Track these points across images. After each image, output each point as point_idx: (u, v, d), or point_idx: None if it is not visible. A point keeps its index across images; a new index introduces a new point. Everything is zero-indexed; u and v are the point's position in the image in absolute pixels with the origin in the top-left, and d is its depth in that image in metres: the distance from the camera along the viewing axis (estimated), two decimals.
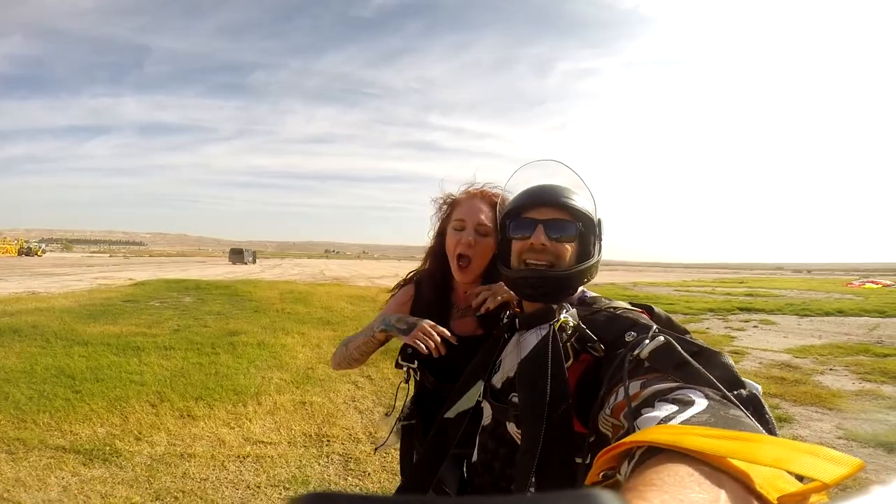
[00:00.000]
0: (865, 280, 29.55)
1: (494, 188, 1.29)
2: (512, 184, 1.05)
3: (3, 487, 2.63)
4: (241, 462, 3.01)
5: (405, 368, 1.33)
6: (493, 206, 1.25)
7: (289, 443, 3.31)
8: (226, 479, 2.81)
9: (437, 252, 1.33)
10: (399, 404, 1.43)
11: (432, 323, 1.19)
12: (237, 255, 47.64)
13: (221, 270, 27.96)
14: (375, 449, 1.45)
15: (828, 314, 11.30)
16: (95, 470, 2.85)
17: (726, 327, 9.24)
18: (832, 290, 21.78)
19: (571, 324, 0.78)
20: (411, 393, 1.42)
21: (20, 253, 59.82)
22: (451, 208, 1.31)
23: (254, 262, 49.62)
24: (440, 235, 1.33)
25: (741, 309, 12.15)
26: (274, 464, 2.99)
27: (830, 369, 5.74)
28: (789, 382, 5.02)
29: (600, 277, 0.95)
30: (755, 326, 9.36)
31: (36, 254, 60.41)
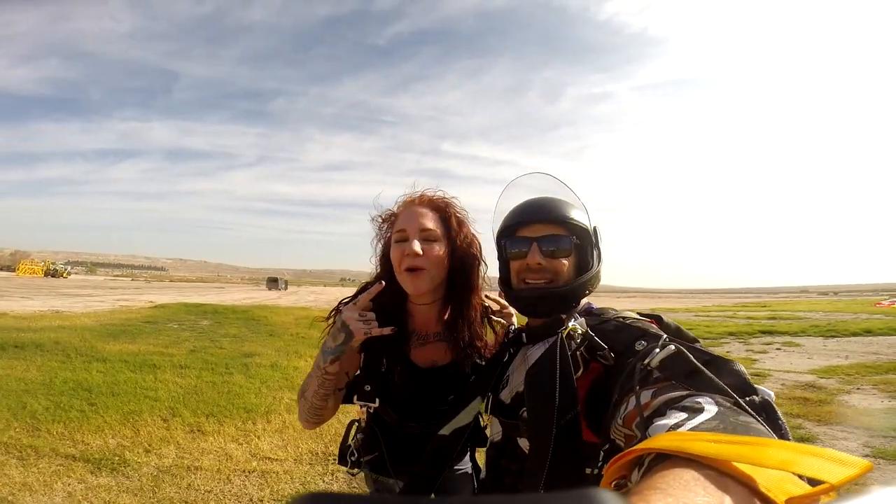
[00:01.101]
0: (894, 299, 28.18)
1: (437, 192, 1.17)
2: (502, 203, 1.03)
3: (9, 491, 2.69)
4: (246, 476, 3.00)
5: (363, 407, 1.16)
6: (437, 209, 1.14)
7: (295, 460, 3.30)
8: (230, 491, 2.80)
9: (384, 278, 1.13)
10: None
11: (352, 307, 1.04)
12: (273, 282, 57.10)
13: (239, 296, 28.34)
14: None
15: (855, 334, 10.85)
16: (102, 478, 2.88)
17: (747, 350, 8.93)
18: (860, 310, 20.95)
19: (579, 331, 0.77)
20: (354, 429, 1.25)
21: (46, 274, 61.77)
22: (390, 223, 1.16)
23: (285, 288, 57.22)
24: (385, 258, 1.16)
25: (763, 332, 11.72)
26: (279, 479, 2.98)
27: (857, 388, 5.50)
28: (813, 403, 4.81)
29: (617, 305, 0.94)
30: (778, 349, 9.03)
31: (61, 275, 62.30)
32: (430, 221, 1.11)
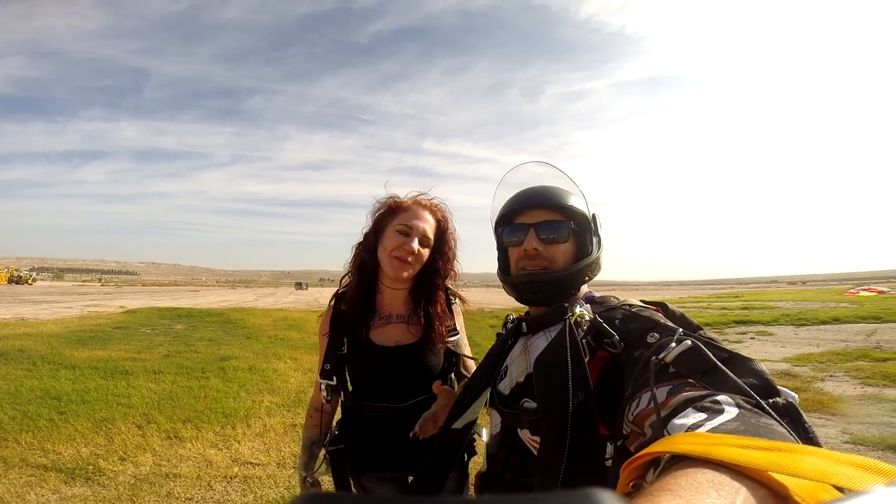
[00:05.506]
0: (861, 288, 29.40)
1: (441, 202, 1.31)
2: (500, 194, 1.02)
3: None
4: (227, 482, 2.91)
5: (323, 387, 1.25)
6: (437, 219, 1.27)
7: (278, 464, 3.21)
8: (212, 498, 2.71)
9: (369, 248, 1.27)
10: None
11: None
12: (299, 285, 72.06)
13: (214, 299, 27.70)
14: (311, 484, 1.30)
15: (824, 322, 11.27)
16: (77, 488, 2.76)
17: (723, 340, 9.07)
18: (827, 299, 21.77)
19: (587, 318, 0.74)
20: (338, 416, 1.35)
21: (10, 281, 59.19)
22: (393, 211, 1.26)
23: (306, 289, 67.38)
24: (375, 233, 1.27)
25: (737, 322, 12.07)
26: (262, 484, 2.89)
27: (831, 376, 5.69)
28: (790, 391, 4.95)
29: None
30: (752, 338, 9.32)
31: (26, 282, 59.96)
32: (430, 230, 1.25)
